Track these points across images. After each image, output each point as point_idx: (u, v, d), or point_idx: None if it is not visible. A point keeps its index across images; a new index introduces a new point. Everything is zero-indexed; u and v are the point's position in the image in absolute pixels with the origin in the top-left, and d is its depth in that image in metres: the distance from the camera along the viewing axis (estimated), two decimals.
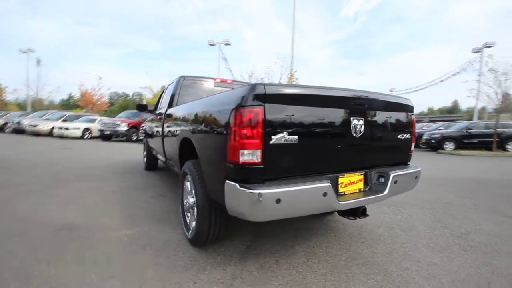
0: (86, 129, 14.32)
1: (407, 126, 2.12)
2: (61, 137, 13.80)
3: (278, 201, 1.39)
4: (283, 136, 1.48)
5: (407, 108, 2.13)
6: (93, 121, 15.19)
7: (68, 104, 45.49)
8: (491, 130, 12.42)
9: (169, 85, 4.25)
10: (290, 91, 1.51)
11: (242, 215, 1.50)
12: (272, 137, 1.45)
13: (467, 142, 12.64)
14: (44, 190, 3.73)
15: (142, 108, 5.00)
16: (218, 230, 2.08)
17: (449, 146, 12.73)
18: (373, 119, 1.86)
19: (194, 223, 2.24)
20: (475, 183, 5.17)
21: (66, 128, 13.96)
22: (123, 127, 13.41)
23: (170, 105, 3.51)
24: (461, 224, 2.87)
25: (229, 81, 3.94)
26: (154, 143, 4.34)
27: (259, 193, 1.35)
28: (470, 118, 23.12)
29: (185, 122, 2.37)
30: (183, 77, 3.63)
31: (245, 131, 1.40)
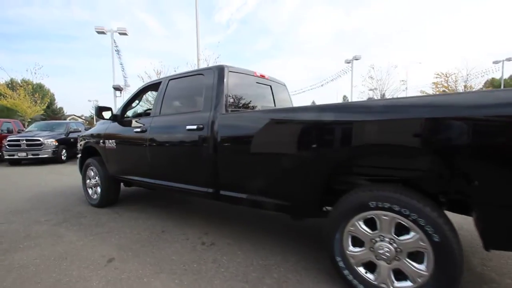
0: None
1: None
2: None
3: None
4: None
5: None
6: None
7: None
8: None
9: (177, 78, 2.89)
10: None
11: None
12: None
13: None
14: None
15: (105, 111, 3.22)
16: None
17: None
18: None
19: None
20: None
21: None
22: None
23: (216, 107, 2.35)
24: None
25: (266, 77, 3.08)
26: (155, 166, 2.86)
27: None
28: None
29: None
30: (227, 67, 2.52)
31: None
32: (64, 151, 9.42)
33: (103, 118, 3.29)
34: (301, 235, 2.59)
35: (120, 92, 15.41)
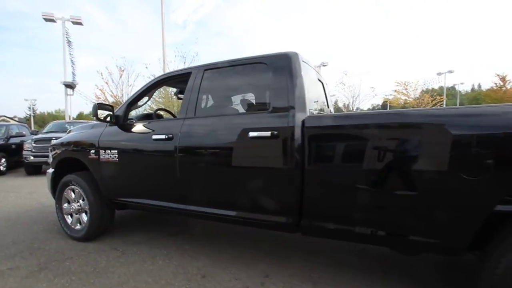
0: None
1: None
2: None
3: None
4: None
5: None
6: None
7: None
8: None
9: (219, 68, 2.14)
10: None
11: None
12: None
13: None
14: None
15: (104, 109, 2.33)
16: None
17: None
18: None
19: None
20: None
21: None
22: None
23: (294, 107, 1.73)
24: None
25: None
26: (190, 186, 2.09)
27: None
28: None
29: None
30: (300, 55, 1.92)
31: None
32: (3, 160, 7.57)
33: (100, 120, 2.39)
34: (397, 270, 2.10)
35: (73, 90, 13.35)
